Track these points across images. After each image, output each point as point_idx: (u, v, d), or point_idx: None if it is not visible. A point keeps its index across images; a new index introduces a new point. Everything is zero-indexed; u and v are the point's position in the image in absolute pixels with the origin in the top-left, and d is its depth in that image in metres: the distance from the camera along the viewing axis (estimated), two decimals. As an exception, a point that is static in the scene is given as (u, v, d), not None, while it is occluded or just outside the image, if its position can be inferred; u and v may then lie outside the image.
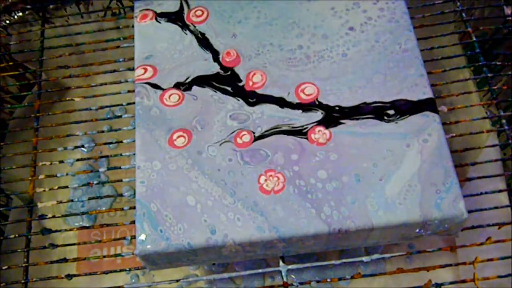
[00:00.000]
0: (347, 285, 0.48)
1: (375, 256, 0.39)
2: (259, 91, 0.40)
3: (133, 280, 0.49)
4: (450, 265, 0.39)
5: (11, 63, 0.52)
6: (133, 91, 0.42)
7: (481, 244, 0.39)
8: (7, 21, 0.54)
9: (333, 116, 0.38)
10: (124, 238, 0.43)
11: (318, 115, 0.39)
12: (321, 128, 0.38)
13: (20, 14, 0.54)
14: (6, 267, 0.42)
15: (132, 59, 0.43)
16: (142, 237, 0.36)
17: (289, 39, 0.42)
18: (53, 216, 0.43)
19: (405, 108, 0.38)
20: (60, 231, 0.43)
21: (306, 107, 0.39)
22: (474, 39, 0.46)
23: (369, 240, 0.37)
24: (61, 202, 0.44)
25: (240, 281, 0.49)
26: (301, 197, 0.36)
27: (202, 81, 0.41)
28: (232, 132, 0.39)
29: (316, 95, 0.39)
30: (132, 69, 0.44)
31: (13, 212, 0.49)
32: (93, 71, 0.49)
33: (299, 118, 0.39)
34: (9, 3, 0.53)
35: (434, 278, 0.39)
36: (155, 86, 0.41)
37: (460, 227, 0.37)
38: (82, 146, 0.51)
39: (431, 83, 0.39)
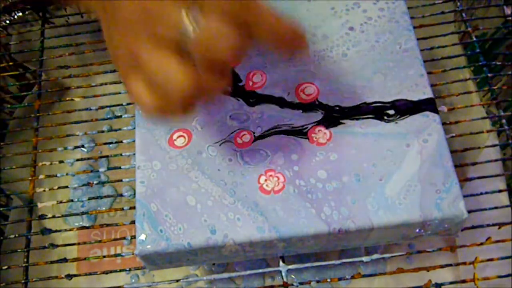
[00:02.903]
0: (347, 285, 0.48)
1: (375, 256, 0.39)
2: (259, 91, 0.40)
3: (133, 280, 0.49)
4: (450, 265, 0.39)
5: (11, 63, 0.52)
6: None
7: (481, 244, 0.39)
8: (7, 21, 0.54)
9: (333, 116, 0.38)
10: (124, 238, 0.43)
11: (318, 115, 0.39)
12: (321, 128, 0.38)
13: (20, 14, 0.54)
14: (6, 267, 0.42)
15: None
16: (142, 237, 0.36)
17: (289, 39, 0.42)
18: (53, 216, 0.43)
19: (405, 108, 0.38)
20: (60, 231, 0.43)
21: (306, 107, 0.39)
22: (474, 39, 0.47)
23: (369, 240, 0.37)
24: (61, 202, 0.44)
25: (240, 281, 0.49)
26: (301, 197, 0.36)
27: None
28: (232, 132, 0.39)
29: (316, 95, 0.39)
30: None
31: (13, 212, 0.49)
32: (93, 71, 0.49)
33: (299, 118, 0.39)
34: (9, 3, 0.53)
35: (434, 278, 0.39)
36: (155, 86, 0.41)
37: (460, 227, 0.37)
38: (82, 146, 0.51)
39: (431, 83, 0.39)
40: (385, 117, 0.38)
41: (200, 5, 0.27)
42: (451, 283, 0.38)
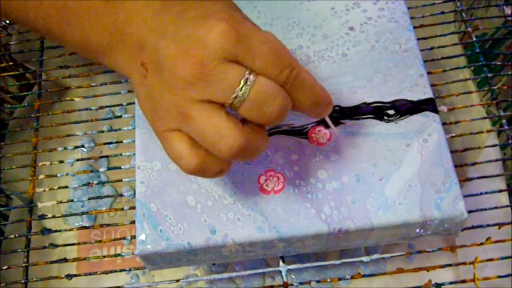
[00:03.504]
0: (347, 285, 0.48)
1: (375, 256, 0.39)
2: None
3: (133, 280, 0.49)
4: (450, 265, 0.39)
5: (11, 63, 0.52)
6: (133, 91, 0.42)
7: (481, 244, 0.39)
8: (7, 21, 0.54)
9: (333, 116, 0.38)
10: (124, 238, 0.43)
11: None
12: (321, 128, 0.38)
13: (20, 14, 0.53)
14: (6, 267, 0.42)
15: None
16: (142, 237, 0.36)
17: (289, 39, 0.42)
18: (53, 216, 0.43)
19: (405, 108, 0.38)
20: (60, 231, 0.43)
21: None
22: (474, 39, 0.47)
23: (369, 240, 0.37)
24: (61, 202, 0.44)
25: (240, 281, 0.49)
26: (301, 197, 0.36)
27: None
28: (232, 132, 0.39)
29: (316, 95, 0.39)
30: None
31: (13, 212, 0.49)
32: (93, 71, 0.49)
33: (299, 118, 0.39)
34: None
35: (434, 278, 0.39)
36: (155, 86, 0.41)
37: (460, 227, 0.37)
38: (82, 146, 0.51)
39: (431, 83, 0.39)
40: (385, 117, 0.38)
41: (247, 65, 0.28)
42: (451, 283, 0.38)
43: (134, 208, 0.38)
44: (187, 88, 0.28)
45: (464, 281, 0.39)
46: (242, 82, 0.28)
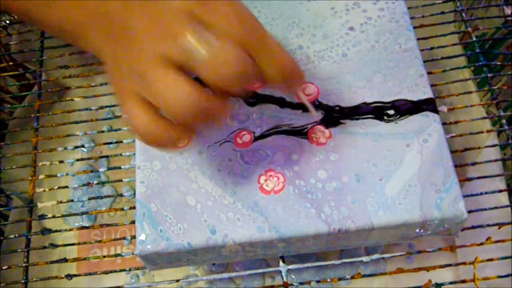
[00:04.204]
0: (347, 285, 0.48)
1: (375, 256, 0.39)
2: (259, 91, 0.40)
3: (133, 280, 0.49)
4: (450, 265, 0.39)
5: (11, 63, 0.52)
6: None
7: (481, 244, 0.39)
8: (7, 21, 0.54)
9: (333, 116, 0.38)
10: (124, 238, 0.43)
11: (318, 115, 0.39)
12: (321, 128, 0.38)
13: (20, 14, 0.53)
14: (6, 267, 0.42)
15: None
16: (142, 237, 0.36)
17: (289, 39, 0.42)
18: (53, 216, 0.43)
19: (405, 108, 0.38)
20: (60, 231, 0.43)
21: (306, 107, 0.39)
22: (474, 39, 0.47)
23: (369, 240, 0.37)
24: (61, 202, 0.44)
25: (240, 281, 0.49)
26: (301, 197, 0.36)
27: (202, 80, 0.41)
28: (232, 132, 0.39)
29: (316, 95, 0.39)
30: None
31: (13, 212, 0.49)
32: (93, 71, 0.49)
33: (299, 118, 0.39)
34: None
35: (434, 278, 0.39)
36: (155, 86, 0.41)
37: (460, 227, 0.37)
38: (82, 146, 0.51)
39: (431, 83, 0.39)
40: (385, 117, 0.38)
41: (209, 26, 0.28)
42: (451, 283, 0.38)
43: (134, 208, 0.38)
44: (148, 48, 0.28)
45: (464, 281, 0.39)
46: (202, 41, 0.28)
